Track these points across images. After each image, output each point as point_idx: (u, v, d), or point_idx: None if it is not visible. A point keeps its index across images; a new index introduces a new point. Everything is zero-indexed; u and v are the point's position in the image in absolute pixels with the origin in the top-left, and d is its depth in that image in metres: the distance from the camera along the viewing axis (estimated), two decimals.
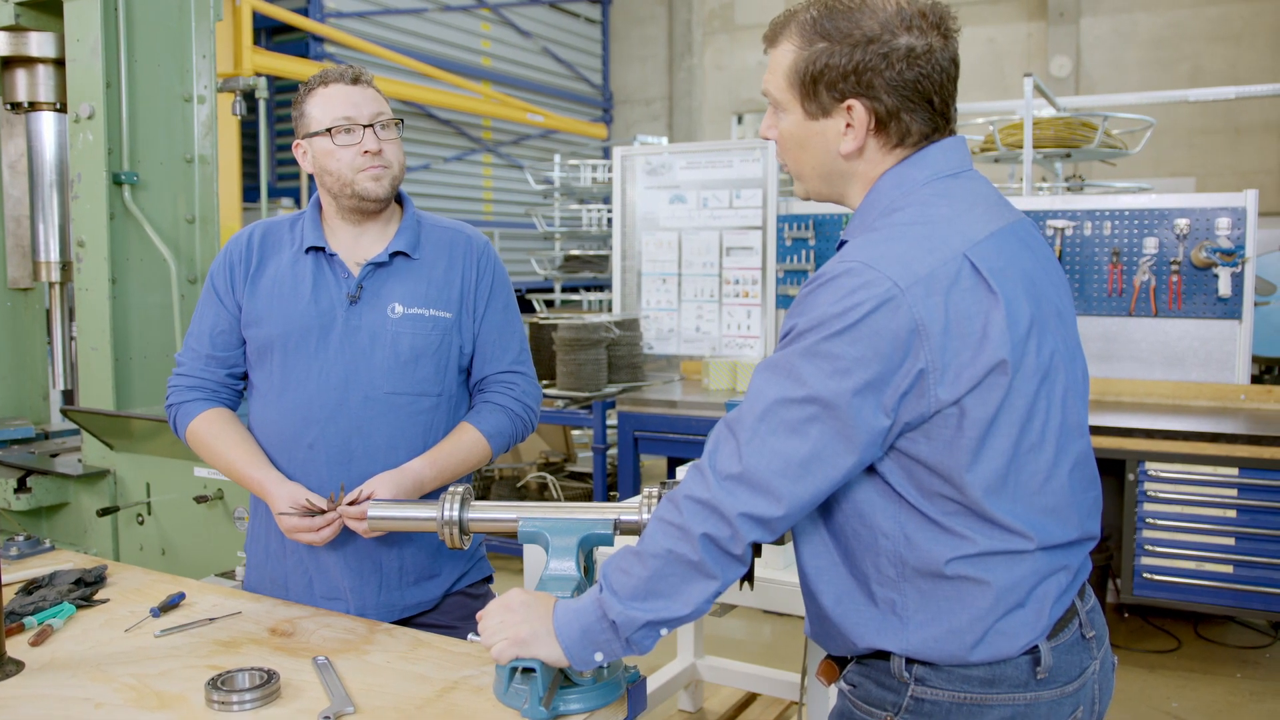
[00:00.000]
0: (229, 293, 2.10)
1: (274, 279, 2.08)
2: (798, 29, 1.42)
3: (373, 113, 2.02)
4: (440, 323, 2.08)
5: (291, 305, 2.05)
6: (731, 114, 12.87)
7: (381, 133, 2.03)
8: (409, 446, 2.05)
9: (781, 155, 1.51)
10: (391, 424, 2.05)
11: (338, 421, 2.03)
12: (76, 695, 1.62)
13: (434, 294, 2.08)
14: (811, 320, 1.32)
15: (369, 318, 2.04)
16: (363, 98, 2.02)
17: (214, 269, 2.14)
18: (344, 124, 2.00)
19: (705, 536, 1.34)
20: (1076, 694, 1.42)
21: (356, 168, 2.01)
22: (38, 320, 3.53)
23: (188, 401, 2.13)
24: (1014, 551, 1.35)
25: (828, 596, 1.44)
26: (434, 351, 2.07)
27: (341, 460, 2.03)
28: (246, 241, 2.12)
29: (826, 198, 1.51)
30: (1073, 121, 4.89)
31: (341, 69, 2.05)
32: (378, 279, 2.06)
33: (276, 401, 2.07)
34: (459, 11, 10.82)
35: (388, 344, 2.04)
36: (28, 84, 3.10)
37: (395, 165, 2.05)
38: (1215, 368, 4.60)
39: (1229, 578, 3.88)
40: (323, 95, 2.02)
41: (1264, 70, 10.02)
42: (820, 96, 1.40)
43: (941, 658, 1.36)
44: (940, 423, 1.31)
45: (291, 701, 1.60)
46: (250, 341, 2.10)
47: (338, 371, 2.03)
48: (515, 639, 1.45)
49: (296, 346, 2.04)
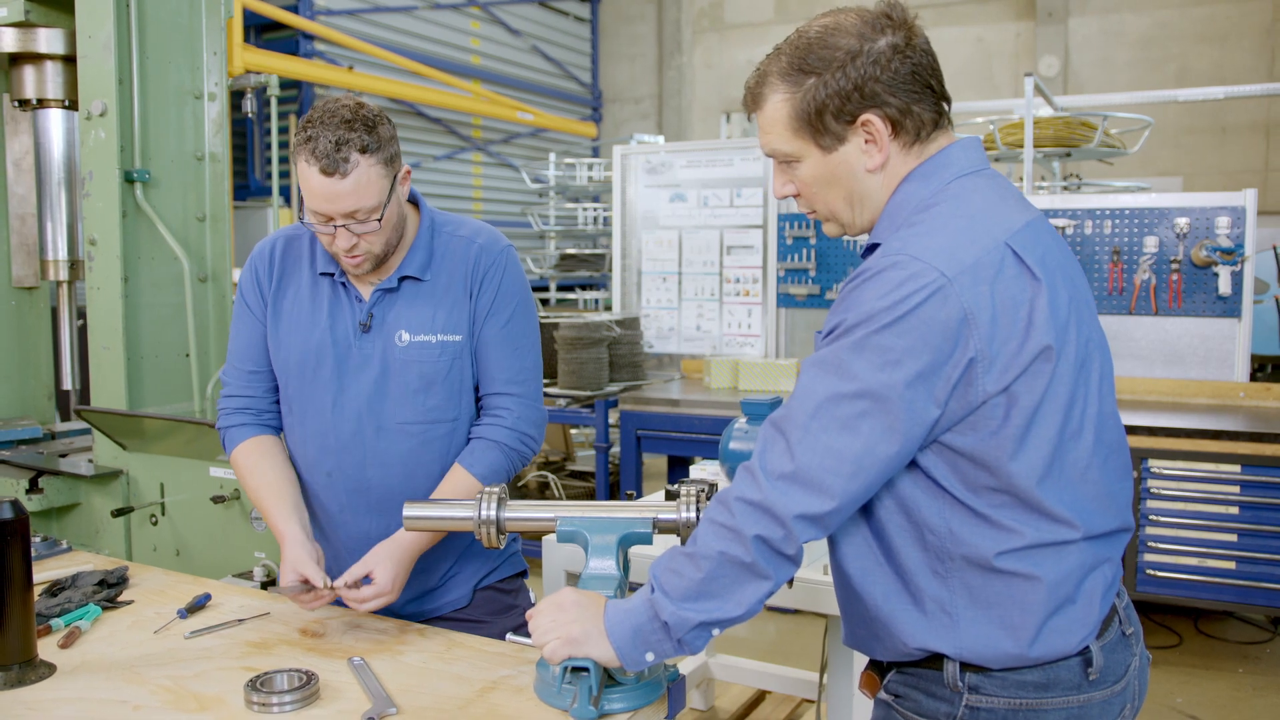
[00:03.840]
0: (259, 305, 2.06)
1: (293, 302, 2.03)
2: (779, 78, 1.42)
3: (348, 209, 1.82)
4: (449, 348, 1.99)
5: (309, 333, 2.00)
6: (721, 113, 12.84)
7: (358, 228, 1.85)
8: (426, 474, 2.01)
9: (808, 203, 1.50)
10: (407, 453, 2.00)
11: (352, 452, 1.99)
12: (113, 697, 1.61)
13: (442, 317, 1.98)
14: (860, 315, 1.31)
15: (379, 346, 1.98)
16: (338, 192, 1.80)
17: (242, 282, 2.09)
18: (318, 219, 1.86)
19: (758, 538, 1.33)
20: (1123, 692, 1.43)
21: (335, 251, 1.91)
22: (42, 320, 3.49)
23: (234, 426, 2.08)
24: (1061, 543, 1.35)
25: (874, 597, 1.44)
26: (444, 378, 1.99)
27: (359, 489, 2.01)
28: (269, 255, 2.07)
29: (863, 228, 1.49)
30: (1072, 121, 4.92)
31: (328, 141, 1.79)
32: (386, 304, 1.99)
33: (297, 427, 2.05)
34: (449, 9, 10.78)
35: (397, 373, 1.97)
36: (35, 81, 3.06)
37: (377, 248, 1.91)
38: (1215, 365, 4.64)
39: (1231, 573, 3.92)
40: (302, 171, 1.82)
41: (1250, 70, 10.11)
42: (830, 127, 1.40)
43: (996, 657, 1.36)
44: (986, 413, 1.31)
45: (332, 703, 1.59)
46: (273, 363, 2.07)
47: (351, 402, 1.98)
48: (568, 638, 1.44)
49: (313, 375, 2.00)
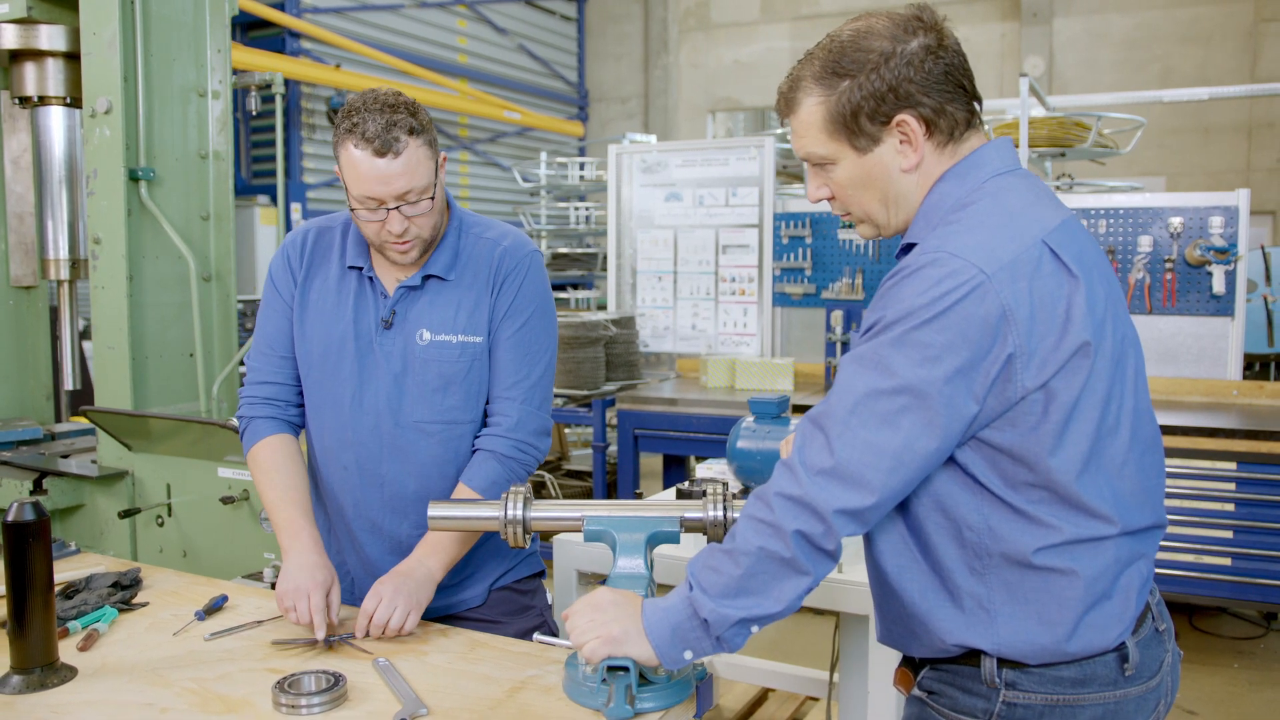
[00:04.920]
0: (289, 292, 2.06)
1: (320, 293, 2.03)
2: (814, 83, 1.43)
3: (400, 191, 1.83)
4: (469, 349, 1.98)
5: (333, 325, 2.00)
6: (707, 112, 12.87)
7: (410, 210, 1.86)
8: (441, 474, 2.01)
9: (844, 205, 1.51)
10: (424, 452, 2.00)
11: (369, 447, 2.00)
12: (138, 700, 1.60)
13: (463, 318, 1.98)
14: (899, 311, 1.32)
15: (400, 344, 1.98)
16: (391, 173, 1.81)
17: (274, 269, 2.08)
18: (369, 204, 1.85)
19: (798, 533, 1.34)
20: (1157, 688, 1.44)
21: (382, 239, 1.91)
22: (41, 319, 3.45)
23: (257, 419, 2.06)
24: (1098, 538, 1.36)
25: (910, 594, 1.44)
26: (463, 379, 1.98)
27: (374, 484, 2.01)
28: (301, 244, 2.07)
29: (897, 228, 1.51)
30: (1065, 121, 4.95)
31: (377, 125, 1.79)
32: (408, 302, 1.99)
33: (316, 417, 2.05)
34: (436, 8, 10.75)
35: (417, 371, 1.97)
36: (36, 78, 3.02)
37: (426, 231, 1.92)
38: (1208, 364, 4.68)
39: (1227, 570, 3.96)
40: (353, 155, 1.82)
41: (1232, 71, 10.20)
42: (866, 128, 1.41)
43: (1034, 653, 1.37)
44: (1025, 409, 1.32)
45: (361, 704, 1.58)
46: (296, 352, 2.06)
47: (371, 398, 1.98)
48: (607, 638, 1.44)
49: (334, 368, 2.00)
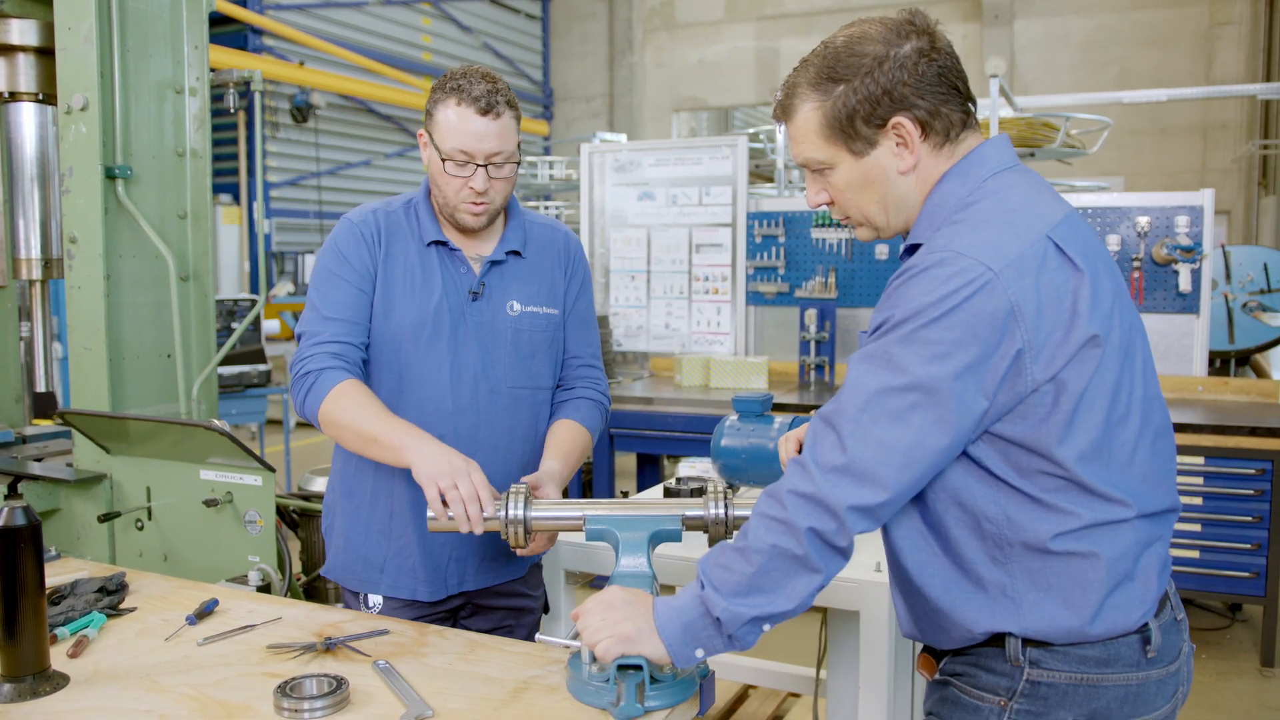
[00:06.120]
0: (367, 269, 2.04)
1: (405, 269, 2.07)
2: (809, 88, 1.46)
3: (492, 151, 1.98)
4: (551, 320, 2.17)
5: (425, 298, 2.06)
6: (672, 111, 12.91)
7: (495, 172, 2.01)
8: (525, 437, 2.15)
9: (843, 209, 1.54)
10: (513, 417, 2.13)
11: (467, 414, 2.07)
12: (135, 707, 1.57)
13: (543, 293, 2.16)
14: (908, 310, 1.34)
15: (489, 314, 2.10)
16: (488, 132, 1.96)
17: (342, 244, 2.06)
18: (460, 158, 1.98)
19: (811, 530, 1.35)
20: (1176, 674, 1.47)
21: (461, 198, 2.02)
22: (10, 320, 3.37)
23: (328, 369, 1.96)
24: (1116, 521, 1.38)
25: (934, 589, 1.46)
26: (547, 347, 2.16)
27: (468, 452, 1.98)
28: (375, 223, 2.08)
29: (897, 230, 1.54)
30: (1035, 122, 5.02)
31: (481, 89, 1.96)
32: (496, 275, 2.11)
33: (411, 391, 2.06)
34: (400, 5, 10.68)
35: (508, 340, 2.11)
36: (7, 73, 2.94)
37: (499, 199, 2.05)
38: (1175, 360, 4.77)
39: (1195, 562, 4.05)
40: (452, 114, 1.96)
41: (1187, 74, 10.41)
42: (862, 131, 1.44)
43: (1059, 633, 1.39)
44: (1035, 401, 1.34)
45: (364, 707, 1.57)
46: (377, 331, 2.05)
47: (467, 365, 2.07)
48: (620, 636, 1.44)
49: (429, 341, 2.05)
